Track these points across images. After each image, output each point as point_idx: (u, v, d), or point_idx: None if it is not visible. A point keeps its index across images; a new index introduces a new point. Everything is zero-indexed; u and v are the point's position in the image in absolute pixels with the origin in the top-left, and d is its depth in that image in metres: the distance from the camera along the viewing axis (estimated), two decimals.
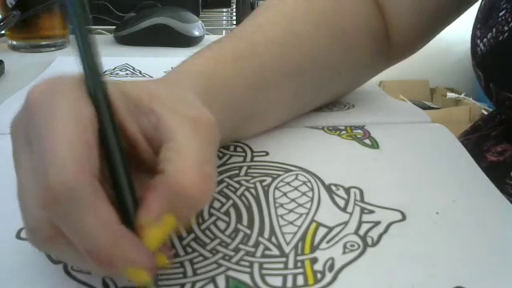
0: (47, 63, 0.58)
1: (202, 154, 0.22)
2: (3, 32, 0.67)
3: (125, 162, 0.22)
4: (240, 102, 0.32)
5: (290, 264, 0.24)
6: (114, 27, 0.76)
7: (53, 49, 0.68)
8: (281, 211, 0.28)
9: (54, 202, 0.20)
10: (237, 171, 0.31)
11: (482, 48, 0.38)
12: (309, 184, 0.30)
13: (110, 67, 0.56)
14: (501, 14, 0.37)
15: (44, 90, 0.22)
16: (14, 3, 0.63)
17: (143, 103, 0.24)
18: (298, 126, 0.38)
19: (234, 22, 1.42)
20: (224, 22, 1.42)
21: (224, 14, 1.42)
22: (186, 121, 0.23)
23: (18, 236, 0.26)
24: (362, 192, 0.30)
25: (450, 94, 2.15)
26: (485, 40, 0.38)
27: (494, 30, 0.37)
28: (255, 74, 0.33)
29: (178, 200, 0.21)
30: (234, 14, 1.42)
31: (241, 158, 0.32)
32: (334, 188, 0.30)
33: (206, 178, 0.22)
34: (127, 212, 0.22)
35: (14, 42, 0.67)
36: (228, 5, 1.38)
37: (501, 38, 0.36)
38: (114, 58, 0.60)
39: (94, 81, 0.22)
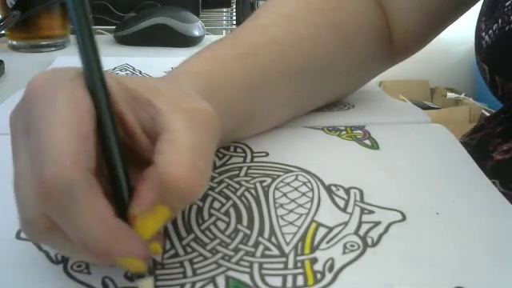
0: (47, 63, 0.58)
1: (195, 147, 0.22)
2: (3, 32, 0.67)
3: (122, 153, 0.22)
4: (240, 102, 0.32)
5: (290, 264, 0.24)
6: (114, 27, 0.76)
7: (53, 49, 0.68)
8: (281, 211, 0.28)
9: (48, 196, 0.20)
10: (237, 172, 0.31)
11: (488, 40, 0.38)
12: (309, 184, 0.30)
13: (110, 67, 0.56)
14: (507, 3, 0.37)
15: (43, 81, 0.22)
16: (13, 3, 0.63)
17: (141, 95, 0.24)
18: (297, 126, 0.38)
19: (234, 22, 1.42)
20: (224, 21, 1.42)
21: (224, 13, 1.42)
22: (183, 112, 0.23)
23: (18, 236, 0.26)
24: (361, 192, 0.30)
25: (449, 94, 2.15)
26: (490, 32, 0.38)
27: (499, 20, 0.37)
28: (256, 74, 0.33)
29: (168, 192, 0.21)
30: (234, 14, 1.42)
31: (241, 159, 0.32)
32: (334, 188, 0.30)
33: (196, 171, 0.22)
34: (123, 203, 0.22)
35: (14, 42, 0.67)
36: (228, 5, 1.38)
37: (507, 29, 0.36)
38: (114, 58, 0.60)
39: (92, 73, 0.22)
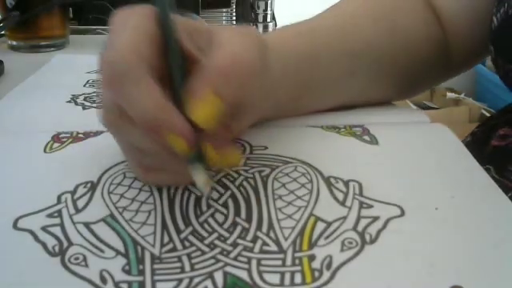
0: (47, 63, 0.58)
1: (241, 44, 0.28)
2: (3, 32, 0.68)
3: (181, 63, 0.27)
4: (297, 69, 0.36)
5: (288, 261, 0.24)
6: None
7: (52, 49, 0.68)
8: (279, 204, 0.28)
9: (110, 79, 0.25)
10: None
11: (495, 22, 0.41)
12: (308, 176, 0.30)
13: None
14: None
15: (122, 11, 0.27)
16: (13, 3, 0.64)
17: (202, 27, 0.29)
18: (296, 125, 0.38)
19: (234, 22, 1.42)
20: (224, 21, 1.42)
21: (224, 14, 1.42)
22: (233, 30, 0.29)
23: (15, 226, 0.26)
24: (361, 185, 0.30)
25: (449, 94, 2.15)
26: (498, 15, 0.40)
27: (506, 4, 0.39)
28: (315, 48, 0.38)
29: (217, 80, 0.26)
30: (234, 14, 1.42)
31: (240, 151, 0.31)
32: (333, 180, 0.30)
33: (241, 60, 0.27)
34: (177, 96, 0.26)
35: (14, 43, 0.68)
36: (228, 5, 1.39)
37: (510, 13, 0.38)
38: None
39: (162, 8, 0.27)
